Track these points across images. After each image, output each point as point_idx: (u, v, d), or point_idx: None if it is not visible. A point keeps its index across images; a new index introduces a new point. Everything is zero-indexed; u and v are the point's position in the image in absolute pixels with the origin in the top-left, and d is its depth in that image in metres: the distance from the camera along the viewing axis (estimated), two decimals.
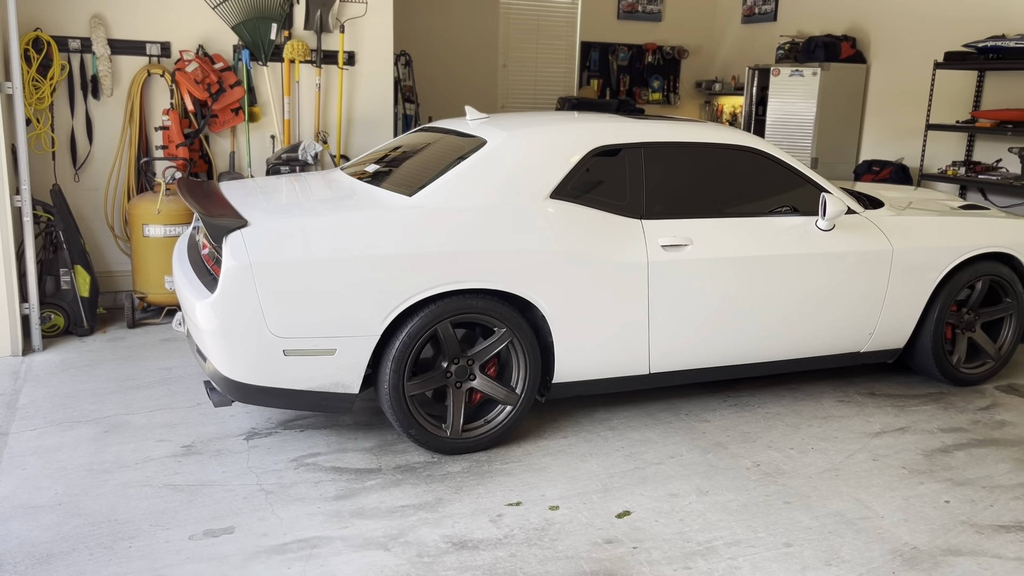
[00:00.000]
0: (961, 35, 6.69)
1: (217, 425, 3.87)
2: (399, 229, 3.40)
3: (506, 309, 3.57)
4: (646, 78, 9.28)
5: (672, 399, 4.34)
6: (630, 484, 3.41)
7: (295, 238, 3.28)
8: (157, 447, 3.63)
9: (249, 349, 3.26)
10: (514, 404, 3.68)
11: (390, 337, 3.46)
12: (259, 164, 5.96)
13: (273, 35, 5.80)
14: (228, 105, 5.73)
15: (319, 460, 3.56)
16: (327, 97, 6.06)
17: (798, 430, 4.00)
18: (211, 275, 3.52)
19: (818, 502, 3.31)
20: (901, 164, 6.86)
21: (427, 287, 3.40)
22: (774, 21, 8.56)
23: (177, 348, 4.93)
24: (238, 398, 3.38)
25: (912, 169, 6.98)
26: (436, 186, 3.60)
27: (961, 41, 6.69)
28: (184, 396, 4.21)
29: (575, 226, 3.66)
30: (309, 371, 3.36)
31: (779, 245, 4.01)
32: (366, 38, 6.09)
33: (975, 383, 4.67)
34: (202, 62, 5.56)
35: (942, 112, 6.82)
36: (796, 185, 4.18)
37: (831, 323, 4.20)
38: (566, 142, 3.82)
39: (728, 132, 4.18)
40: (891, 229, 4.30)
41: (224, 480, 3.35)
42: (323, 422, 3.93)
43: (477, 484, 3.38)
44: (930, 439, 3.94)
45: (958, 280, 4.45)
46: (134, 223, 5.31)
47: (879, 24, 7.36)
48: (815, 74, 7.25)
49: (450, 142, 4.04)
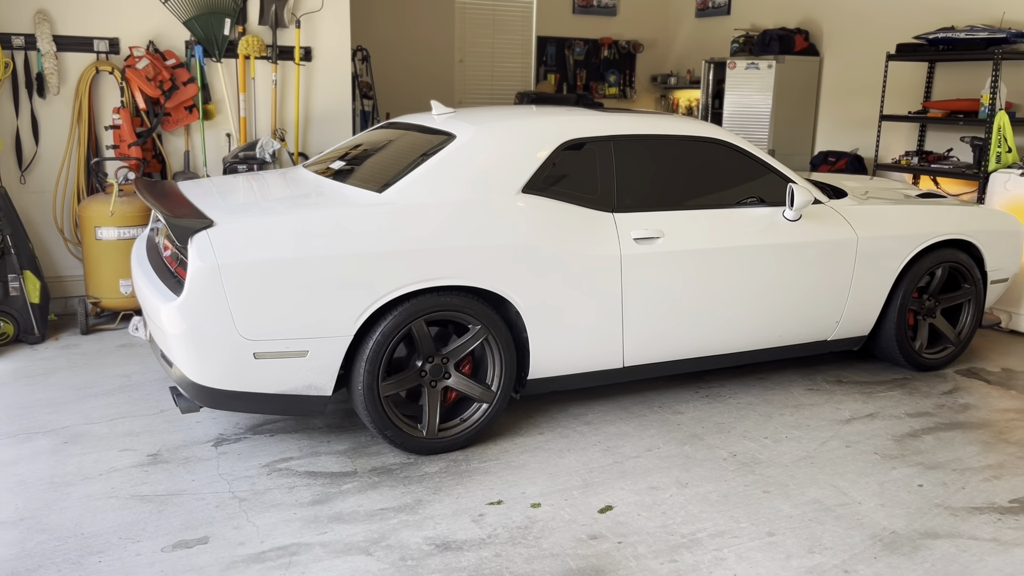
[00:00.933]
0: (911, 28, 6.82)
1: (183, 432, 3.75)
2: (370, 226, 3.33)
3: (480, 305, 3.52)
4: (602, 72, 9.29)
5: (645, 392, 4.33)
6: (610, 478, 3.39)
7: (263, 237, 3.18)
8: (121, 457, 3.50)
9: (218, 353, 3.16)
10: (490, 402, 3.63)
11: (363, 337, 3.38)
12: (215, 163, 5.81)
13: (227, 30, 5.65)
14: (181, 103, 5.57)
15: (292, 465, 3.47)
16: (284, 94, 5.94)
17: (771, 419, 4.03)
18: (175, 278, 3.41)
19: (796, 490, 3.33)
20: (856, 154, 6.97)
21: (400, 285, 3.34)
22: (727, 15, 8.64)
23: (135, 353, 4.78)
24: (207, 404, 3.28)
25: (867, 159, 7.10)
26: (406, 182, 3.53)
27: (911, 33, 6.82)
28: (146, 403, 4.07)
29: (548, 220, 3.63)
30: (281, 374, 3.27)
31: (748, 236, 4.03)
32: (323, 33, 5.97)
33: (937, 368, 4.76)
34: (153, 59, 5.40)
35: (894, 103, 6.95)
36: (762, 176, 4.20)
37: (799, 312, 4.24)
38: (536, 136, 3.78)
39: (695, 124, 4.19)
40: (855, 218, 4.35)
41: (194, 489, 3.25)
42: (294, 425, 3.84)
43: (456, 484, 3.33)
44: (899, 424, 4.00)
45: (919, 267, 4.52)
46: (86, 226, 5.13)
47: (831, 17, 7.47)
48: (770, 67, 7.33)
49: (417, 138, 3.97)
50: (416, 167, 3.61)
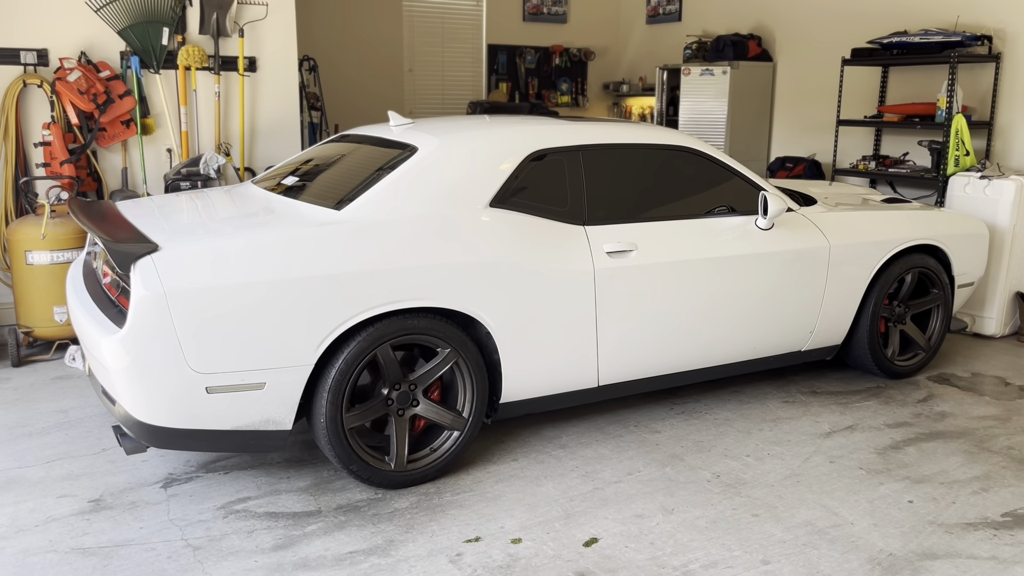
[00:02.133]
0: (862, 33, 6.83)
1: (128, 473, 3.46)
2: (330, 246, 3.10)
3: (449, 327, 3.31)
4: (554, 80, 9.16)
5: (619, 411, 4.17)
6: (592, 507, 3.21)
7: (212, 261, 2.93)
8: (60, 504, 3.20)
9: (166, 389, 2.89)
10: (461, 429, 3.42)
11: (324, 365, 3.15)
12: (155, 180, 5.50)
13: (165, 40, 5.35)
14: (118, 117, 5.25)
15: (250, 506, 3.21)
16: (228, 106, 5.65)
17: (750, 435, 3.90)
18: (117, 307, 3.13)
19: (786, 512, 3.19)
20: (814, 160, 6.95)
21: (364, 309, 3.11)
22: (679, 21, 8.58)
23: (72, 386, 4.45)
24: (155, 444, 3.00)
25: (824, 164, 7.08)
26: (366, 198, 3.31)
27: (863, 39, 6.82)
28: (85, 442, 3.76)
29: (518, 235, 3.44)
30: (236, 409, 3.01)
31: (722, 246, 3.90)
32: (267, 42, 5.70)
33: (909, 375, 4.69)
34: (86, 70, 5.07)
35: (849, 108, 6.95)
36: (733, 184, 4.08)
37: (775, 323, 4.12)
38: (502, 147, 3.59)
39: (664, 132, 4.05)
40: (827, 225, 4.26)
41: (143, 538, 2.97)
42: (249, 462, 3.58)
43: (429, 520, 3.11)
44: (879, 436, 3.90)
45: (890, 273, 4.45)
46: (15, 250, 4.78)
47: (783, 22, 7.46)
48: (725, 73, 7.27)
49: (374, 151, 3.75)
50: (376, 182, 3.39)
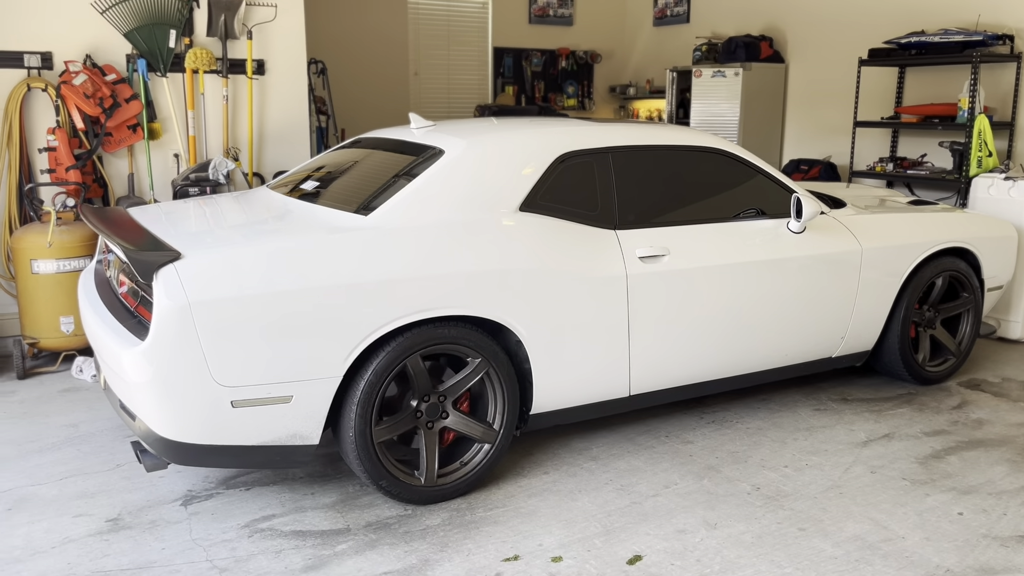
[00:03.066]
0: (875, 34, 6.74)
1: (145, 490, 3.32)
2: (359, 253, 2.97)
3: (480, 336, 3.19)
4: (560, 83, 9.06)
5: (648, 420, 4.05)
6: (631, 522, 3.08)
7: (238, 270, 2.80)
8: (76, 524, 3.06)
9: (190, 403, 2.76)
10: (492, 442, 3.30)
11: (352, 377, 3.02)
12: (162, 186, 5.36)
13: (172, 43, 5.22)
14: (124, 121, 5.11)
15: (275, 524, 3.07)
16: (236, 110, 5.52)
17: (785, 445, 3.78)
18: (135, 318, 3.00)
19: (833, 526, 3.07)
20: (829, 162, 6.85)
21: (395, 317, 2.99)
22: (687, 23, 8.49)
23: (81, 399, 4.30)
24: (177, 460, 2.87)
25: (840, 167, 6.99)
26: (394, 203, 3.19)
27: (875, 40, 6.73)
28: (98, 457, 3.62)
29: (549, 240, 3.32)
30: (261, 423, 2.88)
31: (755, 250, 3.78)
32: (276, 45, 5.58)
33: (939, 381, 4.59)
34: (92, 74, 4.94)
35: (863, 109, 6.85)
36: (763, 186, 3.97)
37: (806, 329, 4.01)
38: (531, 149, 3.48)
39: (693, 133, 3.94)
40: (858, 228, 4.15)
41: (166, 559, 2.83)
42: (271, 477, 3.44)
43: (464, 538, 2.98)
44: (918, 445, 3.79)
45: (921, 277, 4.35)
46: (20, 258, 4.64)
47: (795, 24, 7.37)
48: (737, 74, 7.17)
49: (397, 154, 3.63)
50: (403, 186, 3.26)
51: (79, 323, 4.72)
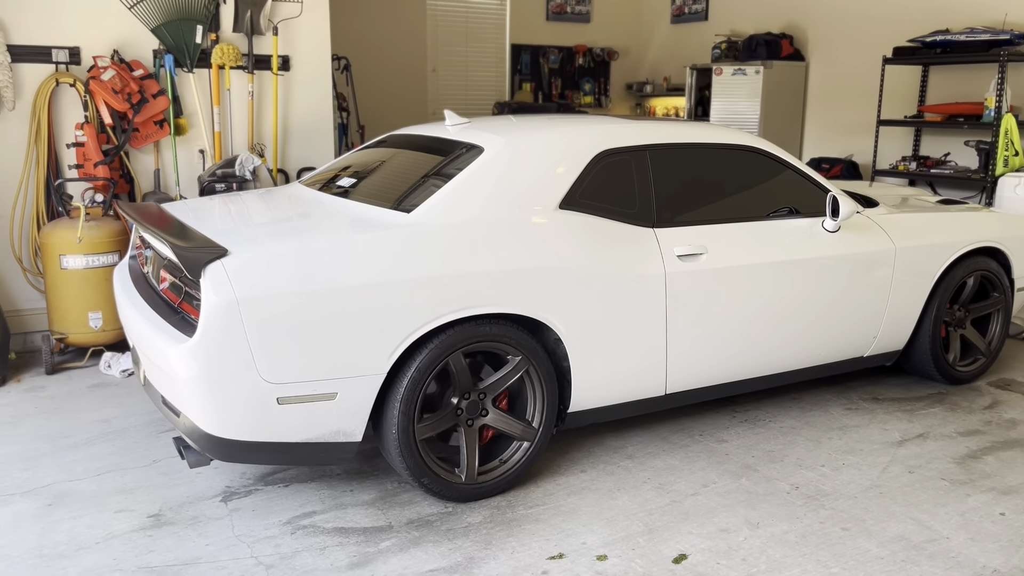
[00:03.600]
0: (897, 32, 6.72)
1: (184, 486, 3.32)
2: (404, 250, 2.97)
3: (521, 334, 3.18)
4: (577, 80, 9.04)
5: (680, 419, 4.04)
6: (673, 521, 3.08)
7: (286, 266, 2.80)
8: (118, 520, 3.06)
9: (237, 400, 2.76)
10: (532, 440, 3.29)
11: (395, 375, 3.02)
12: (188, 182, 5.36)
13: (199, 38, 5.21)
14: (151, 117, 5.11)
15: (317, 520, 3.07)
16: (261, 106, 5.51)
17: (820, 444, 3.77)
18: (179, 314, 3.00)
19: (876, 526, 3.06)
20: (851, 160, 6.83)
21: (439, 315, 2.98)
22: (705, 20, 8.47)
23: (111, 395, 4.30)
24: (221, 456, 2.87)
25: (862, 165, 6.97)
26: (436, 200, 3.18)
27: (897, 38, 6.71)
28: (134, 453, 3.62)
29: (589, 238, 3.31)
30: (306, 420, 2.88)
31: (791, 249, 3.77)
32: (301, 41, 5.57)
33: (969, 381, 4.58)
34: (120, 69, 4.93)
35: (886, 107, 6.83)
36: (798, 185, 3.96)
37: (840, 328, 4.00)
38: (570, 147, 3.47)
39: (729, 131, 3.93)
40: (892, 228, 4.14)
41: (211, 555, 2.83)
42: (308, 474, 3.44)
43: (507, 536, 2.98)
44: (953, 445, 3.78)
45: (953, 277, 4.34)
46: (49, 254, 4.63)
47: (815, 22, 7.35)
48: (758, 72, 7.16)
49: (433, 151, 3.62)
50: (444, 184, 3.26)
51: (107, 319, 4.72)
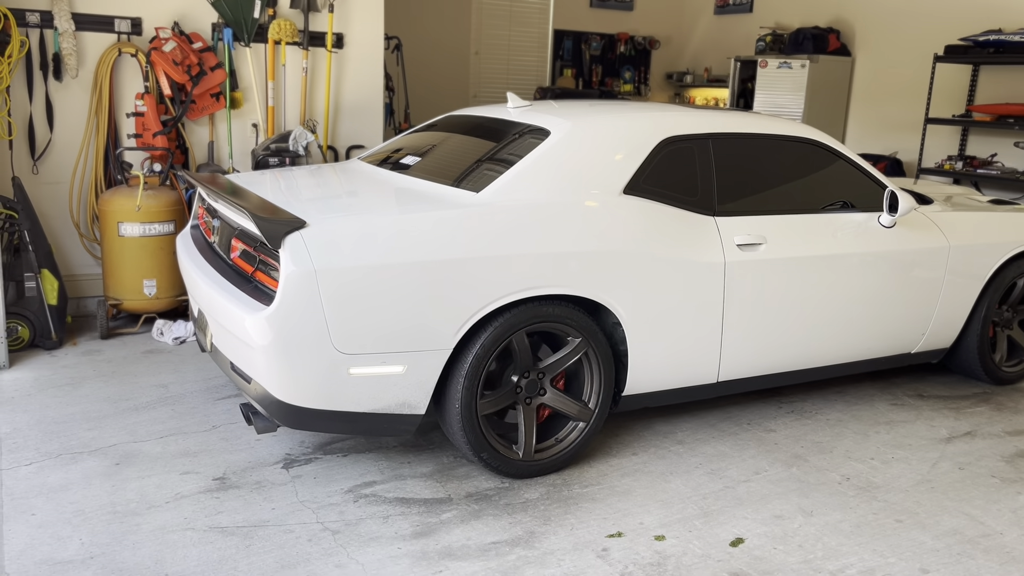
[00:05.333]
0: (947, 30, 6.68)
1: (245, 452, 3.40)
2: (473, 229, 3.01)
3: (582, 316, 3.23)
4: (618, 68, 9.04)
5: (728, 408, 4.08)
6: (728, 506, 3.13)
7: (362, 239, 2.85)
8: (184, 481, 3.14)
9: (311, 369, 2.82)
10: (587, 420, 3.34)
11: (461, 351, 3.07)
12: (240, 155, 5.42)
13: (257, 13, 5.27)
14: (208, 90, 5.17)
15: (377, 490, 3.14)
16: (313, 82, 5.56)
17: (868, 438, 3.80)
18: (252, 283, 3.06)
19: (929, 519, 3.10)
20: (895, 158, 6.81)
21: (505, 294, 3.03)
22: (750, 12, 8.44)
23: (166, 361, 4.39)
24: (291, 424, 2.94)
25: (906, 163, 6.95)
26: (504, 181, 3.22)
27: (945, 36, 6.67)
28: (194, 418, 3.71)
29: (652, 224, 3.35)
30: (375, 391, 2.94)
31: (847, 243, 3.79)
32: (355, 19, 5.61)
33: (1013, 382, 4.58)
34: (180, 41, 4.99)
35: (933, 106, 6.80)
36: (855, 179, 3.97)
37: (891, 323, 4.02)
38: (635, 132, 3.50)
39: (790, 124, 3.94)
40: (946, 225, 4.15)
41: (278, 519, 2.91)
42: (365, 445, 3.51)
43: (565, 512, 3.03)
44: (1002, 444, 3.81)
45: (1004, 277, 4.34)
46: (107, 221, 4.72)
47: (863, 17, 7.31)
48: (804, 66, 7.13)
49: (497, 132, 3.66)
50: (512, 165, 3.30)
51: (161, 287, 4.80)
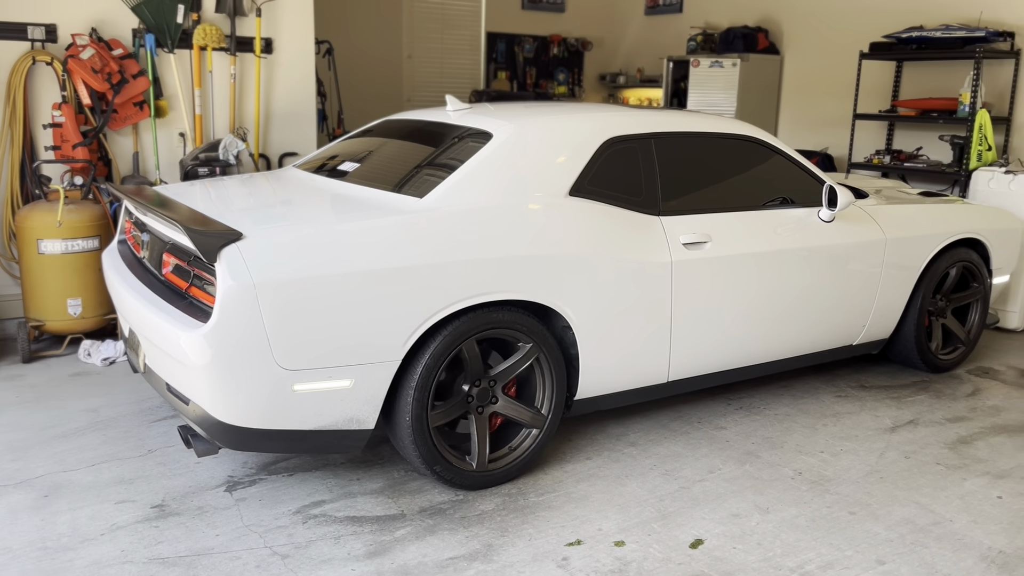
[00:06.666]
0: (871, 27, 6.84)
1: (184, 476, 3.24)
2: (419, 236, 2.93)
3: (532, 321, 3.17)
4: (551, 70, 9.03)
5: (678, 407, 4.07)
6: (685, 507, 3.10)
7: (303, 250, 2.74)
8: (120, 511, 2.98)
9: (253, 387, 2.69)
10: (541, 427, 3.28)
11: (410, 362, 2.98)
12: (168, 166, 5.22)
13: (180, 18, 5.08)
14: (131, 98, 4.96)
15: (327, 510, 3.02)
16: (243, 89, 5.39)
17: (816, 431, 3.84)
18: (187, 299, 2.91)
19: (881, 510, 3.12)
20: (826, 153, 6.95)
21: (453, 301, 2.95)
22: (680, 13, 8.52)
23: (95, 383, 4.18)
24: (233, 445, 2.81)
25: (837, 158, 7.09)
26: (449, 185, 3.15)
27: (869, 34, 6.84)
28: (127, 443, 3.53)
29: (599, 225, 3.31)
30: (321, 407, 2.83)
31: (789, 239, 3.82)
32: (284, 23, 5.46)
33: (949, 369, 4.69)
34: (99, 48, 4.78)
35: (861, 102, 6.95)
36: (793, 175, 4.01)
37: (834, 316, 4.07)
38: (578, 133, 3.46)
39: (728, 121, 3.96)
40: (883, 218, 4.22)
41: (223, 546, 2.77)
42: (311, 463, 3.38)
43: (522, 523, 2.97)
44: (944, 431, 3.88)
45: (937, 267, 4.44)
46: (25, 238, 4.48)
47: (790, 16, 7.44)
48: (735, 65, 7.23)
49: (435, 136, 3.58)
50: (455, 169, 3.22)
51: (87, 305, 4.58)
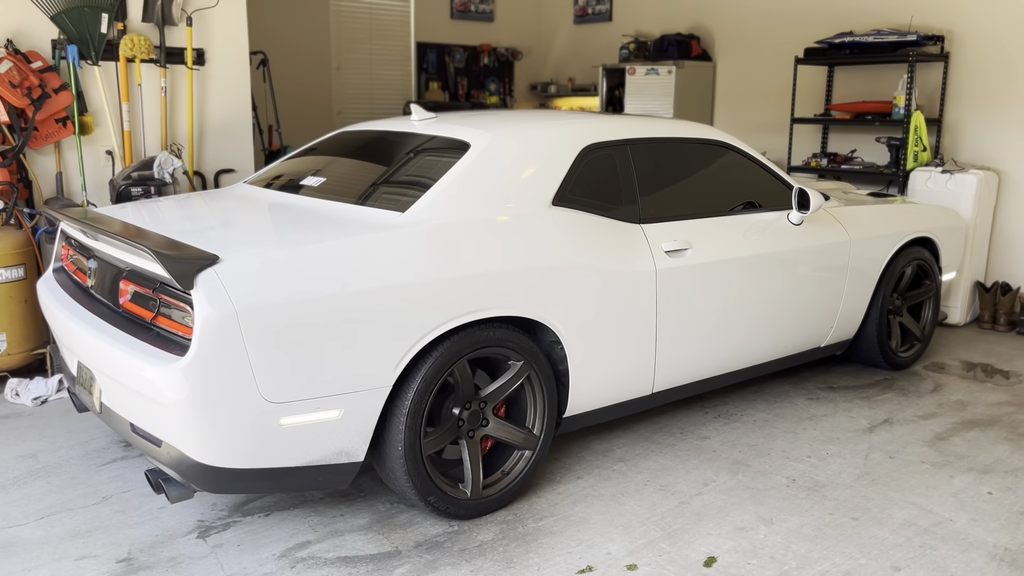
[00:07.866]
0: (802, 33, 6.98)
1: (148, 524, 2.96)
2: (406, 252, 2.74)
3: (523, 338, 3.02)
4: (483, 80, 8.91)
5: (657, 419, 3.98)
6: (689, 523, 3.00)
7: (286, 272, 2.52)
8: (83, 568, 2.68)
9: (236, 424, 2.46)
10: (533, 448, 3.13)
11: (400, 387, 2.79)
12: (96, 186, 4.85)
13: (104, 27, 4.73)
14: (52, 115, 4.59)
15: (314, 551, 2.80)
16: (174, 103, 5.07)
17: (798, 436, 3.80)
18: (153, 330, 2.65)
19: (882, 513, 3.09)
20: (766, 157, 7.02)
21: (445, 320, 2.78)
22: (609, 21, 8.53)
23: (29, 426, 3.81)
24: (213, 488, 2.56)
25: (776, 161, 7.18)
26: (432, 198, 2.97)
27: (800, 39, 6.97)
28: (76, 490, 3.21)
29: (584, 235, 3.19)
30: (309, 441, 2.61)
31: (764, 243, 3.79)
32: (216, 33, 5.16)
33: (907, 366, 4.76)
34: (17, 60, 4.40)
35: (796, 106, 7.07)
36: (762, 180, 3.99)
37: (805, 318, 4.06)
38: (556, 141, 3.33)
39: (697, 127, 3.91)
40: (846, 220, 4.24)
41: None
42: (287, 501, 3.14)
43: (526, 551, 2.81)
44: (919, 428, 3.91)
45: (895, 266, 4.50)
46: None
47: (720, 23, 7.53)
48: (671, 72, 7.26)
49: (403, 147, 3.40)
50: (435, 181, 3.05)
51: (13, 341, 4.19)
